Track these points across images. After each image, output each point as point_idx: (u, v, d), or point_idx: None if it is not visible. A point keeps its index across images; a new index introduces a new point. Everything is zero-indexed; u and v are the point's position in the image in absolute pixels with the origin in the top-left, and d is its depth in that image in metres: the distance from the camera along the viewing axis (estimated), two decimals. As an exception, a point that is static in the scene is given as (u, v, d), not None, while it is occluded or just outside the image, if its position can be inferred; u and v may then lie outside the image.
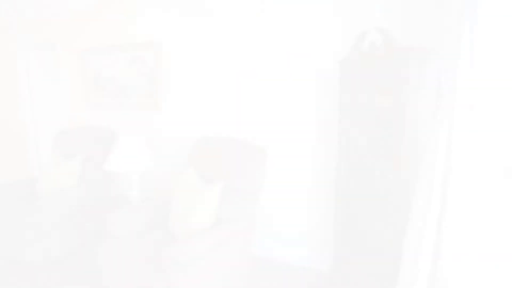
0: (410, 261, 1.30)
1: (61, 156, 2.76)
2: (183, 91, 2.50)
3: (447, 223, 1.21)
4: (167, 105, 2.59)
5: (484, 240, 1.17)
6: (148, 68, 2.59)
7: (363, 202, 1.65)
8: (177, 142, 2.60)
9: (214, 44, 2.30)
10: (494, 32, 1.11)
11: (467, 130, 1.17)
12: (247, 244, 1.85)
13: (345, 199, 1.72)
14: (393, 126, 1.51)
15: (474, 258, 1.18)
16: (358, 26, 1.86)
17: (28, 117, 3.80)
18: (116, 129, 2.94)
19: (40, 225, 2.17)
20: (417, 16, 1.69)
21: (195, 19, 2.35)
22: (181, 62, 2.48)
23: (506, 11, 1.08)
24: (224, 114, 2.36)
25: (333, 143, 2.02)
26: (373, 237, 1.63)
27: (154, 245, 1.70)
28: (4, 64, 3.90)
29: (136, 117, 2.79)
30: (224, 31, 2.26)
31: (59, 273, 2.23)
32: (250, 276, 2.08)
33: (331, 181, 2.07)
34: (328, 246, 2.12)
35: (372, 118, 1.58)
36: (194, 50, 2.40)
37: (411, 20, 1.71)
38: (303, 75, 2.05)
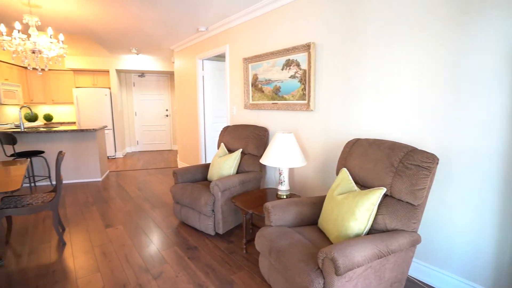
0: None
1: (225, 148, 3.31)
2: (335, 92, 2.47)
3: None
4: (319, 106, 2.63)
5: None
6: (301, 70, 2.71)
7: None
8: (328, 142, 2.60)
9: (366, 44, 2.14)
10: None
11: None
12: (407, 262, 1.63)
13: None
14: None
15: None
16: None
17: (201, 115, 4.77)
18: (272, 128, 3.25)
19: (211, 204, 2.66)
20: None
21: (347, 20, 2.26)
22: (333, 63, 2.45)
23: None
24: (380, 116, 2.16)
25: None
26: None
27: (310, 242, 1.74)
28: (191, 75, 5.04)
29: (289, 117, 2.98)
30: (378, 33, 2.06)
31: (219, 250, 2.65)
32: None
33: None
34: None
35: None
36: (347, 51, 2.31)
37: None
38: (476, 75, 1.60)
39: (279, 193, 2.53)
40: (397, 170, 1.65)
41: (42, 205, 2.54)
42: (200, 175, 3.24)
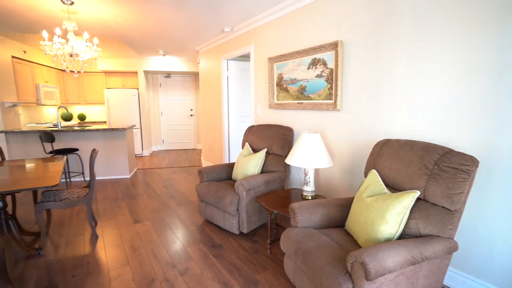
0: None
1: (249, 148, 3.32)
2: (364, 91, 2.39)
3: None
4: (346, 105, 2.57)
5: None
6: (327, 69, 2.66)
7: None
8: (356, 143, 2.53)
9: (398, 42, 2.05)
10: None
11: None
12: (442, 270, 1.54)
13: None
14: None
15: None
16: None
17: (225, 115, 4.82)
18: (296, 127, 3.22)
19: (235, 204, 2.68)
20: None
21: (377, 17, 2.18)
22: (361, 61, 2.38)
23: None
24: (412, 116, 2.06)
25: None
26: None
27: (337, 245, 1.71)
28: (215, 75, 5.12)
29: (315, 116, 2.94)
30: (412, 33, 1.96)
31: (243, 250, 2.66)
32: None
33: None
34: None
35: None
36: (376, 48, 2.23)
37: None
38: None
39: (304, 194, 2.50)
40: (431, 173, 1.57)
41: (77, 200, 2.69)
42: (224, 174, 3.28)
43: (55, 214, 3.43)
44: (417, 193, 1.56)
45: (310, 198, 2.48)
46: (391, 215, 1.54)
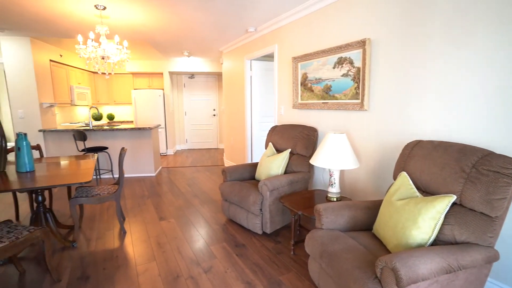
0: None
1: (273, 148, 3.31)
2: (393, 90, 2.30)
3: None
4: (374, 105, 2.49)
5: None
6: (354, 68, 2.59)
7: None
8: (384, 144, 2.45)
9: (431, 39, 1.95)
10: None
11: None
12: (480, 281, 1.45)
13: None
14: None
15: None
16: None
17: (248, 114, 4.84)
18: (321, 128, 3.17)
19: (259, 204, 2.68)
20: None
21: (408, 13, 2.08)
22: (390, 59, 2.29)
23: None
24: (446, 116, 1.96)
25: None
26: None
27: (365, 249, 1.66)
28: (238, 76, 5.16)
29: (340, 116, 2.87)
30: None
31: (266, 250, 2.65)
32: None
33: None
34: None
35: None
36: (407, 46, 2.14)
37: None
38: None
39: (329, 195, 2.46)
40: (469, 176, 1.48)
41: (107, 196, 2.81)
42: (248, 174, 3.29)
43: (86, 209, 3.61)
44: (452, 198, 1.47)
45: (335, 199, 2.43)
46: (423, 219, 1.47)
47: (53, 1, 3.02)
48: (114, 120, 7.64)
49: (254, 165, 3.37)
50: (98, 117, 7.05)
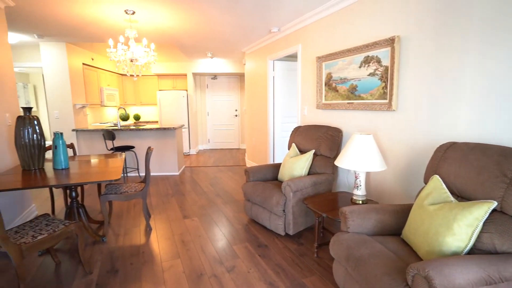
0: None
1: (296, 149, 3.28)
2: (423, 89, 2.20)
3: None
4: (402, 105, 2.39)
5: None
6: (381, 67, 2.50)
7: None
8: (413, 145, 2.35)
9: (468, 35, 1.83)
10: None
11: None
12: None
13: None
14: None
15: None
16: None
17: (271, 115, 4.83)
18: (345, 129, 3.10)
19: (282, 204, 2.66)
20: None
21: (442, 8, 1.97)
22: (421, 57, 2.19)
23: None
24: (484, 117, 1.84)
25: None
26: None
27: (394, 254, 1.59)
28: (261, 76, 5.17)
29: (366, 117, 2.79)
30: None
31: (289, 251, 2.63)
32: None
33: None
34: None
35: None
36: (440, 43, 2.03)
37: None
38: None
39: (355, 197, 2.39)
40: (511, 182, 1.38)
41: (135, 193, 2.91)
42: (270, 175, 3.28)
43: (114, 206, 3.76)
44: (493, 204, 1.38)
45: (360, 202, 2.36)
46: (459, 226, 1.39)
47: (87, 8, 3.18)
48: (140, 120, 7.91)
49: (277, 166, 3.36)
50: (125, 117, 7.34)
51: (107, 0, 2.96)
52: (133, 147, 5.04)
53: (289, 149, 3.46)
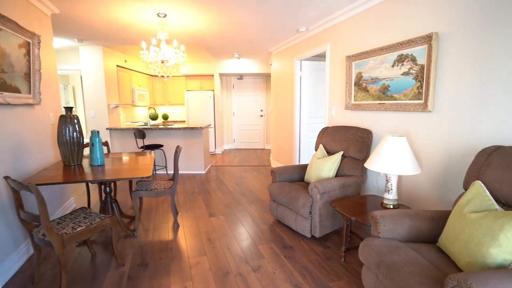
0: None
1: (323, 150, 3.22)
2: (464, 89, 2.07)
3: None
4: (439, 106, 2.26)
5: None
6: (417, 65, 2.39)
7: None
8: (451, 149, 2.21)
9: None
10: None
11: None
12: None
13: None
14: None
15: None
16: None
17: (297, 115, 4.78)
18: (376, 130, 2.99)
19: (309, 206, 2.62)
20: None
21: (485, 5, 1.84)
22: (462, 56, 2.05)
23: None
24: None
25: None
26: None
27: (430, 264, 1.51)
28: (287, 76, 5.14)
29: (398, 118, 2.68)
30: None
31: (315, 254, 2.58)
32: None
33: None
34: None
35: None
36: (483, 40, 1.89)
37: None
38: None
39: (385, 202, 2.30)
40: None
41: (164, 191, 3.01)
42: (297, 175, 3.25)
43: (144, 202, 3.91)
44: (545, 214, 1.26)
45: (391, 207, 2.27)
46: (507, 237, 1.28)
47: (122, 13, 3.34)
48: (168, 119, 8.17)
49: (303, 167, 3.32)
50: (154, 117, 7.62)
51: (142, 4, 3.09)
52: (161, 145, 5.21)
53: (316, 150, 3.40)
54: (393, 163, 2.13)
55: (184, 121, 7.93)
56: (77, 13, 3.37)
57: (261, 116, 8.36)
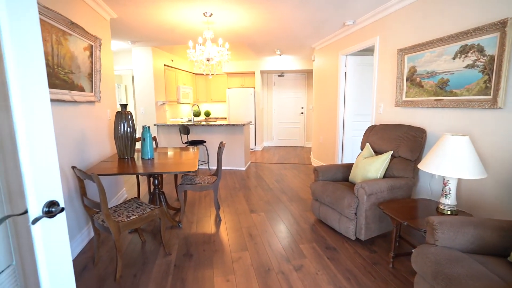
0: None
1: (370, 149, 3.05)
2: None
3: None
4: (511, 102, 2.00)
5: None
6: (484, 57, 2.13)
7: None
8: (522, 150, 1.95)
9: None
10: None
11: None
12: None
13: None
14: None
15: None
16: None
17: (341, 113, 4.61)
18: (430, 129, 2.76)
19: (354, 207, 2.51)
20: None
21: None
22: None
23: None
24: None
25: None
26: None
27: (501, 280, 1.35)
28: (331, 72, 4.97)
29: (459, 116, 2.43)
30: None
31: (360, 258, 2.46)
32: None
33: None
34: None
35: None
36: None
37: None
38: None
39: (442, 207, 2.11)
40: None
41: (207, 185, 3.10)
42: (341, 175, 3.13)
43: (188, 195, 4.09)
44: None
45: (449, 213, 2.07)
46: None
47: (171, 14, 3.50)
48: (210, 116, 8.43)
49: (348, 166, 3.18)
50: (197, 114, 7.91)
51: (190, 4, 3.20)
52: (204, 141, 5.39)
53: (361, 149, 3.24)
54: (453, 165, 1.94)
55: (225, 118, 8.12)
56: (132, 17, 3.61)
57: (302, 113, 8.22)
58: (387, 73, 3.36)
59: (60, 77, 2.28)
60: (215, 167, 5.73)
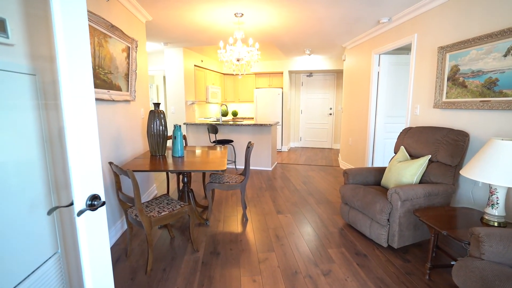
0: None
1: (405, 152, 2.90)
2: None
3: None
4: None
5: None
6: (540, 53, 1.94)
7: None
8: None
9: None
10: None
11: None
12: None
13: None
14: None
15: None
16: None
17: (372, 114, 4.43)
18: (474, 132, 2.56)
19: (387, 213, 2.39)
20: None
21: None
22: None
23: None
24: None
25: None
26: None
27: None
28: (363, 72, 4.81)
29: (509, 118, 2.23)
30: None
31: (393, 266, 2.34)
32: None
33: None
34: None
35: None
36: None
37: None
38: None
39: (487, 217, 1.95)
40: None
41: (235, 184, 3.12)
42: (372, 178, 3.01)
43: (215, 194, 4.14)
44: None
45: (495, 224, 1.91)
46: None
47: (203, 16, 3.57)
48: (237, 116, 8.51)
49: (380, 170, 3.05)
50: (224, 113, 8.02)
51: (221, 5, 3.24)
52: (232, 141, 5.45)
53: (395, 152, 3.09)
54: (503, 172, 1.78)
55: (253, 118, 8.15)
56: (166, 19, 3.73)
57: (330, 114, 8.04)
58: (425, 73, 3.18)
59: (100, 77, 2.41)
60: (242, 167, 5.76)
